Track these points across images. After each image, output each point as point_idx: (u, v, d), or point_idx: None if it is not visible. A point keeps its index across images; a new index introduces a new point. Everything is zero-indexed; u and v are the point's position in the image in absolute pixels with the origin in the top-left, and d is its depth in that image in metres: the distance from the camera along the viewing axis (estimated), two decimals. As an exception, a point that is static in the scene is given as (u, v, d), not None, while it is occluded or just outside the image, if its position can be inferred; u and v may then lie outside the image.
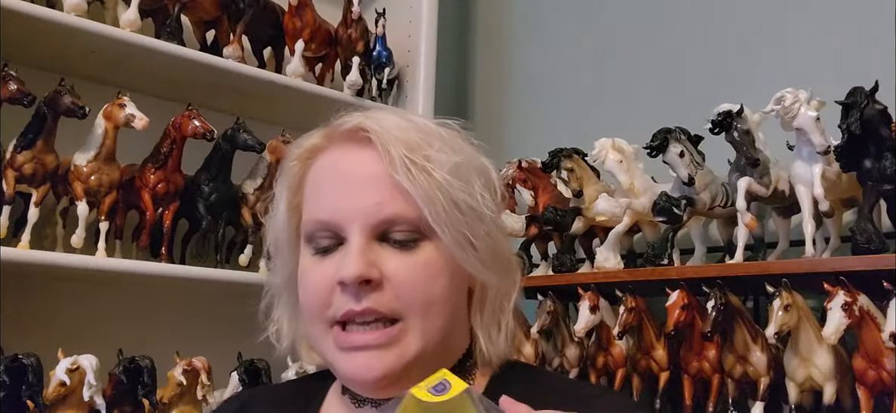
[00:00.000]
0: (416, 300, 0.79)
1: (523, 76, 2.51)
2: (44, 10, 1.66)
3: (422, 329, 0.80)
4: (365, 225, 0.80)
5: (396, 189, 0.79)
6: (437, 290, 0.80)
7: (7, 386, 1.47)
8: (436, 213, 0.79)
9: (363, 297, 0.78)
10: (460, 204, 0.80)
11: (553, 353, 1.83)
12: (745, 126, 1.51)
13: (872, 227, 1.36)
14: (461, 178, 0.81)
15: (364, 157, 0.82)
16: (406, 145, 0.81)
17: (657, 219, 1.63)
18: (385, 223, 0.80)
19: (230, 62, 1.91)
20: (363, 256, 0.78)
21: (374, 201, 0.80)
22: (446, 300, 0.81)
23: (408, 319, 0.79)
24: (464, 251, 0.81)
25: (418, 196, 0.79)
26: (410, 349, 0.79)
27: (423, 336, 0.80)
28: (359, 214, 0.80)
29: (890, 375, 1.33)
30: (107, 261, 1.70)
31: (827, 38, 1.81)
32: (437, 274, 0.80)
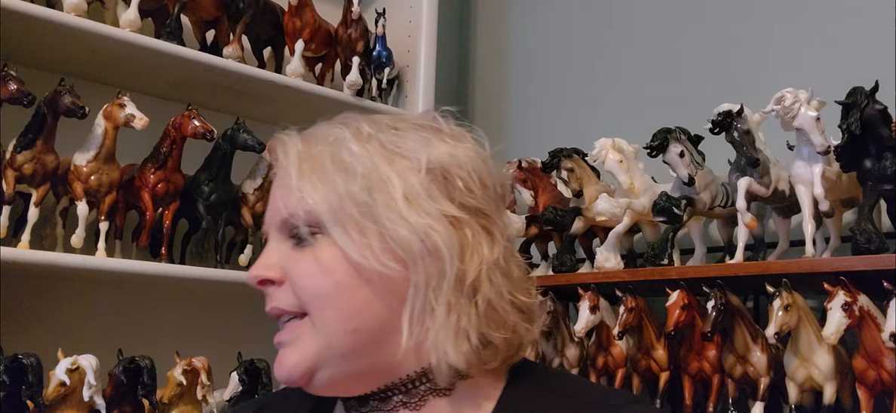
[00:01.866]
0: (307, 294, 0.80)
1: (523, 76, 2.51)
2: (44, 10, 1.66)
3: (320, 323, 0.79)
4: (274, 227, 0.84)
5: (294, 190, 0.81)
6: (327, 286, 0.79)
7: (7, 386, 1.47)
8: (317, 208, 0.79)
9: (270, 297, 0.83)
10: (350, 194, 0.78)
11: (553, 353, 1.83)
12: (745, 126, 1.51)
13: (872, 227, 1.36)
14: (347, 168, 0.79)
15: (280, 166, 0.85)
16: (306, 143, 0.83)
17: (657, 219, 1.63)
18: (285, 224, 0.82)
19: (230, 62, 1.91)
20: (265, 257, 0.83)
21: (277, 204, 0.83)
22: (343, 296, 0.79)
23: (311, 314, 0.80)
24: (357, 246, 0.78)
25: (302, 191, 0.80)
26: (313, 344, 0.80)
27: (322, 330, 0.79)
28: (271, 218, 0.85)
29: (890, 375, 1.33)
30: (107, 261, 1.70)
31: (827, 38, 1.81)
32: (330, 268, 0.79)
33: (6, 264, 1.55)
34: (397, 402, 0.83)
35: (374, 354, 0.80)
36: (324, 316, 0.79)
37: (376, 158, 0.81)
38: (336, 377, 0.81)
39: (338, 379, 0.81)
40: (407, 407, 0.82)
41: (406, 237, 0.78)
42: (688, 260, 1.76)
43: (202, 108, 1.82)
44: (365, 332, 0.80)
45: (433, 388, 0.82)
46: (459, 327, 0.78)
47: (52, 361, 1.52)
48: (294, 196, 0.81)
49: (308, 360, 0.80)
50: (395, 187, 0.79)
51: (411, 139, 0.83)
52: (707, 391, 1.60)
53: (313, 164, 0.81)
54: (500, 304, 0.81)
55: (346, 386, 0.83)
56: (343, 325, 0.79)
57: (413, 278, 0.79)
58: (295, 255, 0.82)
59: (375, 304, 0.79)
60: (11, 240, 1.65)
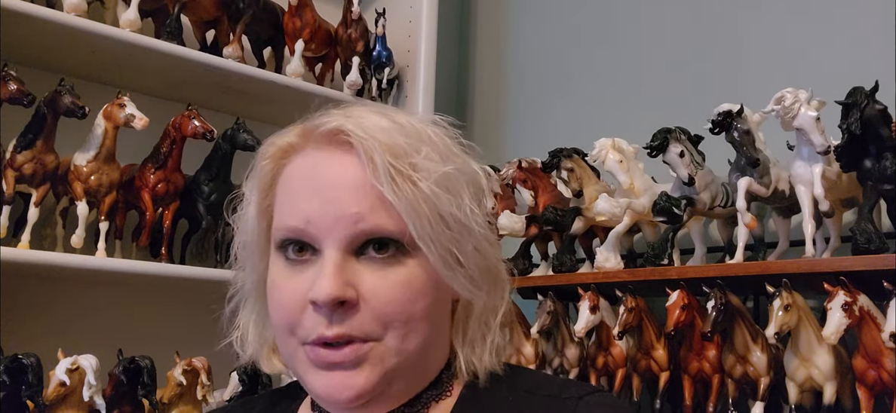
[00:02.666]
0: (394, 321, 0.73)
1: (523, 76, 2.51)
2: (44, 10, 1.66)
3: (398, 349, 0.74)
4: (342, 238, 0.73)
5: (378, 200, 0.73)
6: (417, 310, 0.74)
7: (7, 386, 1.47)
8: (421, 227, 0.73)
9: (336, 320, 0.72)
10: (447, 218, 0.74)
11: (553, 353, 1.83)
12: (745, 126, 1.51)
13: (872, 227, 1.36)
14: (450, 189, 0.75)
15: (344, 162, 0.75)
16: (391, 151, 0.73)
17: (657, 219, 1.63)
18: (364, 236, 0.73)
19: (230, 62, 1.92)
20: (339, 275, 0.72)
21: (353, 212, 0.73)
22: (427, 319, 0.75)
23: (385, 338, 0.74)
24: (450, 269, 0.75)
25: (402, 209, 0.72)
26: (386, 367, 0.74)
27: (398, 354, 0.74)
28: (336, 226, 0.73)
29: (890, 375, 1.33)
30: (107, 261, 1.70)
31: (827, 38, 1.81)
32: (419, 293, 0.74)
33: (6, 264, 1.56)
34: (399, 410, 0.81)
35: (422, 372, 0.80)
36: (406, 341, 0.74)
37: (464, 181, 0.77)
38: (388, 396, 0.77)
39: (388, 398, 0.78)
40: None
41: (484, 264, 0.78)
42: (688, 260, 1.76)
43: (202, 108, 1.82)
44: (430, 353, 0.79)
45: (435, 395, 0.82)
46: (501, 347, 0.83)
47: (52, 361, 1.53)
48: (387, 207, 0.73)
49: (378, 382, 0.74)
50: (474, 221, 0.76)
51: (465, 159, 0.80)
52: (707, 391, 1.60)
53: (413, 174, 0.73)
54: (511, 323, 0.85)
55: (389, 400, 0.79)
56: (421, 347, 0.76)
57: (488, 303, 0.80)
58: (373, 274, 0.74)
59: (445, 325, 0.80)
60: (11, 240, 1.65)
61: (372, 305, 0.73)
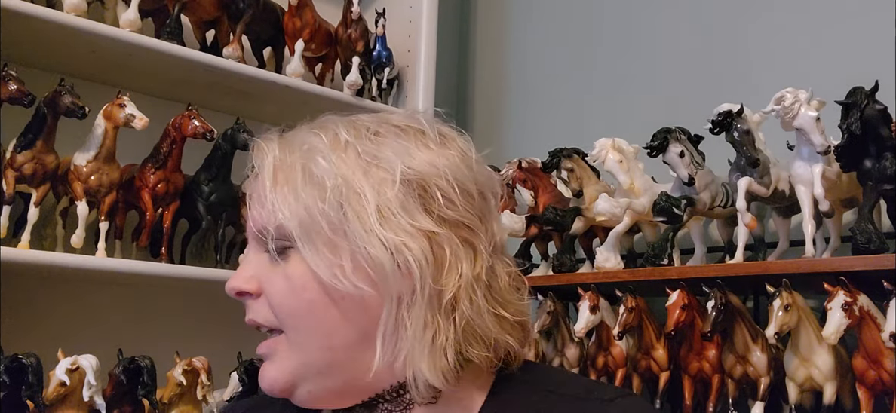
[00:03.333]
0: (282, 312, 0.79)
1: (523, 76, 2.51)
2: (44, 10, 1.66)
3: (296, 341, 0.78)
4: (251, 236, 0.82)
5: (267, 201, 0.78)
6: (301, 305, 0.77)
7: (7, 386, 1.47)
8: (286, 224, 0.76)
9: (249, 309, 0.81)
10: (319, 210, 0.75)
11: (553, 353, 1.83)
12: (745, 126, 1.51)
13: (872, 227, 1.36)
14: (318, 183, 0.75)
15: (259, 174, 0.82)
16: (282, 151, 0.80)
17: (657, 219, 1.63)
18: (258, 235, 0.80)
19: (230, 62, 1.91)
20: (244, 269, 0.81)
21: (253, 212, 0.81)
22: (317, 315, 0.77)
23: (286, 331, 0.79)
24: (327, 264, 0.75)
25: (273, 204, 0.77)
26: (290, 361, 0.79)
27: (298, 350, 0.78)
28: (250, 226, 0.82)
29: (890, 375, 1.33)
30: (107, 261, 1.70)
31: (827, 38, 1.81)
32: (300, 287, 0.77)
33: (6, 264, 1.55)
34: (384, 410, 0.81)
35: (349, 371, 0.78)
36: (298, 334, 0.78)
37: (350, 170, 0.76)
38: (315, 393, 0.80)
39: (318, 394, 0.80)
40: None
41: (378, 255, 0.74)
42: (688, 260, 1.76)
43: (202, 108, 1.82)
44: (340, 349, 0.78)
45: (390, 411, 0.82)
46: (435, 345, 0.75)
47: (52, 361, 1.53)
48: (266, 208, 0.78)
49: (286, 375, 0.79)
50: (368, 201, 0.75)
51: (390, 147, 0.78)
52: (707, 391, 1.60)
53: (286, 174, 0.78)
54: (480, 322, 0.77)
55: (327, 400, 0.82)
56: (317, 342, 0.78)
57: (385, 296, 0.76)
58: (270, 269, 0.80)
59: (348, 322, 0.77)
60: (11, 240, 1.65)
61: (267, 297, 0.80)
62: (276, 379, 0.80)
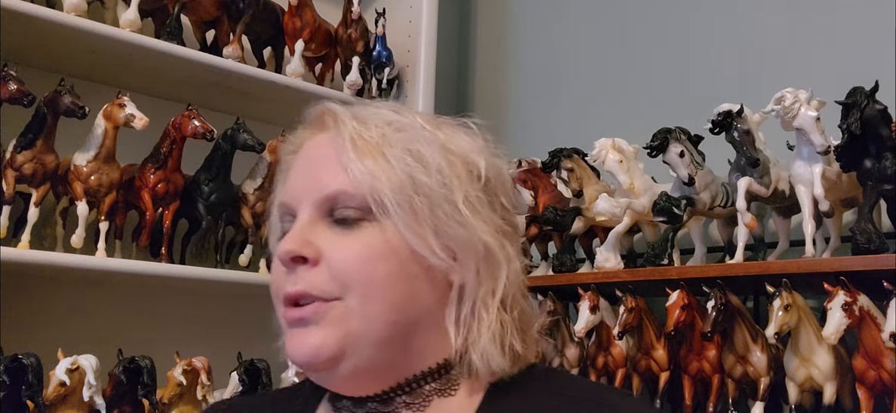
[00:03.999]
0: (352, 281, 0.75)
1: (523, 76, 2.51)
2: (44, 10, 1.66)
3: (361, 312, 0.75)
4: (311, 202, 0.78)
5: (343, 167, 0.77)
6: (377, 273, 0.75)
7: (7, 386, 1.47)
8: (381, 190, 0.76)
9: (298, 278, 0.76)
10: (418, 182, 0.77)
11: (553, 353, 1.83)
12: (745, 126, 1.51)
13: (872, 227, 1.36)
14: (422, 159, 0.78)
15: (323, 140, 0.81)
16: (361, 122, 0.79)
17: (657, 219, 1.63)
18: (328, 200, 0.77)
19: (230, 62, 1.91)
20: (300, 234, 0.77)
21: (321, 180, 0.78)
22: (391, 286, 0.76)
23: (346, 300, 0.76)
24: (415, 234, 0.76)
25: (363, 172, 0.76)
26: (347, 328, 0.75)
27: (361, 318, 0.75)
28: (307, 193, 0.79)
29: (890, 375, 1.33)
30: (107, 261, 1.70)
31: (827, 38, 1.81)
32: (378, 256, 0.76)
33: (6, 264, 1.56)
34: (400, 402, 0.80)
35: (403, 348, 0.78)
36: (368, 303, 0.75)
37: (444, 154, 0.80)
38: (360, 368, 0.77)
39: (361, 370, 0.77)
40: (410, 408, 0.80)
41: (463, 237, 0.78)
42: (688, 260, 1.76)
43: (202, 108, 1.82)
44: (405, 324, 0.77)
45: (439, 389, 0.81)
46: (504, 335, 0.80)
47: (52, 361, 1.53)
48: (350, 174, 0.77)
49: (338, 342, 0.75)
50: (456, 190, 0.78)
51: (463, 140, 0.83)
52: (707, 391, 1.60)
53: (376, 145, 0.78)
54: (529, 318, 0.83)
55: (362, 380, 0.79)
56: (386, 314, 0.76)
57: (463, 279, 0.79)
58: (336, 236, 0.77)
59: (420, 298, 0.78)
60: (11, 240, 1.65)
61: (330, 264, 0.76)
62: (323, 345, 0.75)
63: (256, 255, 1.94)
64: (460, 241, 0.78)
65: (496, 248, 0.80)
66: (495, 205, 0.82)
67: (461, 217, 0.78)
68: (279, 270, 0.79)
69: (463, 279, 0.79)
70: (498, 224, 0.81)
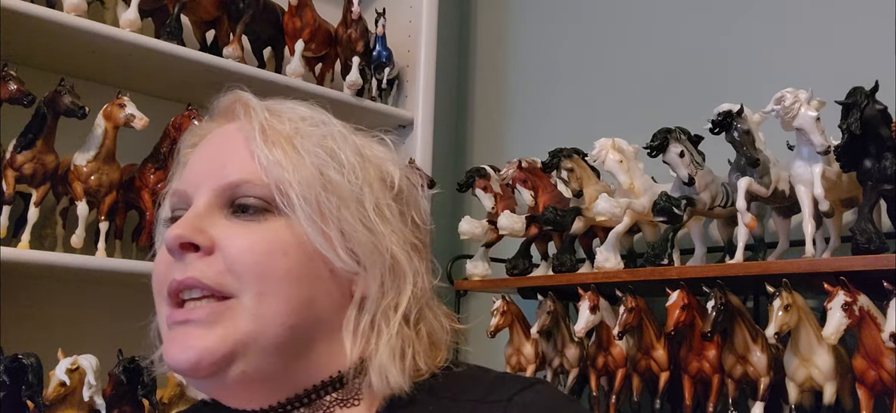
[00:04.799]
0: (247, 274, 0.69)
1: (523, 76, 2.51)
2: (44, 10, 1.66)
3: (255, 310, 0.69)
4: (209, 189, 0.73)
5: (251, 157, 0.73)
6: (277, 269, 0.70)
7: (7, 386, 1.47)
8: (288, 182, 0.72)
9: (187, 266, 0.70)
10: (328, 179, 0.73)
11: (553, 353, 1.83)
12: (745, 126, 1.51)
13: (872, 227, 1.36)
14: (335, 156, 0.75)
15: (230, 129, 0.77)
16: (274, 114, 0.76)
17: (657, 219, 1.63)
18: (230, 188, 0.73)
19: (230, 62, 1.91)
20: (193, 220, 0.71)
21: (223, 166, 0.73)
22: (290, 285, 0.71)
23: (240, 297, 0.70)
24: (320, 232, 0.72)
25: (269, 164, 0.72)
26: (237, 330, 0.69)
27: (255, 319, 0.69)
28: (206, 179, 0.74)
29: (890, 375, 1.33)
30: (107, 261, 1.70)
31: (827, 38, 1.81)
32: (279, 251, 0.70)
33: (6, 264, 1.55)
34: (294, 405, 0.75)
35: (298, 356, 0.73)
36: (263, 302, 0.69)
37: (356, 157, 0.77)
38: (250, 375, 0.70)
39: (251, 378, 0.71)
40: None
41: (369, 243, 0.74)
42: (688, 260, 1.76)
43: (202, 108, 1.82)
44: (302, 329, 0.72)
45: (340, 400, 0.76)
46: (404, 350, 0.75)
47: (52, 361, 1.52)
48: (257, 162, 0.73)
49: (229, 344, 0.68)
50: (367, 194, 0.75)
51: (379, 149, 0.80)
52: (707, 391, 1.60)
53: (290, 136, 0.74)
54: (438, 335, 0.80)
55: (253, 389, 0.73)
56: (283, 317, 0.70)
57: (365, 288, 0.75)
58: (234, 226, 0.72)
59: (320, 302, 0.73)
60: (11, 240, 1.65)
61: (225, 254, 0.70)
62: (213, 348, 0.68)
63: (256, 255, 1.94)
64: (367, 247, 0.74)
65: (404, 260, 0.76)
66: (406, 217, 0.79)
67: (370, 222, 0.74)
68: (164, 261, 0.73)
69: (365, 288, 0.75)
70: (407, 237, 0.78)
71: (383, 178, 0.78)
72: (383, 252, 0.75)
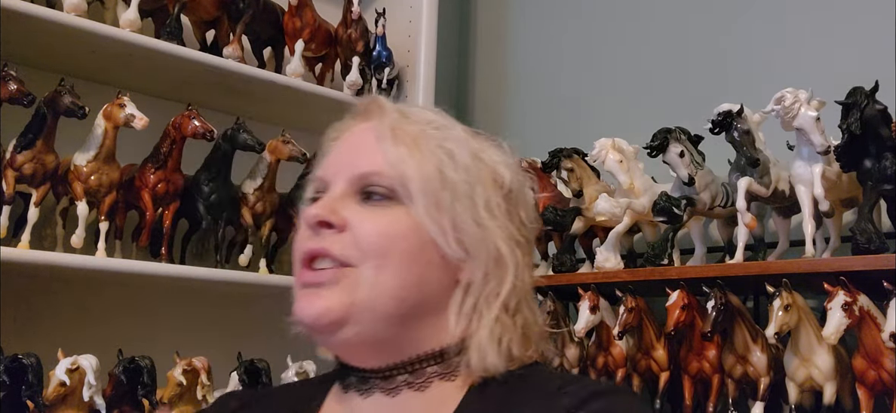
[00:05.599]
0: (370, 250, 0.81)
1: (523, 76, 2.51)
2: (44, 10, 1.66)
3: (372, 281, 0.80)
4: (344, 178, 0.84)
5: (380, 152, 0.84)
6: (394, 248, 0.81)
7: (7, 386, 1.47)
8: (410, 177, 0.82)
9: (321, 238, 0.82)
10: (447, 178, 0.83)
11: (553, 352, 1.83)
12: (745, 126, 1.51)
13: (872, 227, 1.36)
14: (452, 157, 0.85)
15: (365, 127, 0.88)
16: (403, 116, 0.87)
17: (657, 219, 1.63)
18: (361, 178, 0.84)
19: (230, 62, 1.91)
20: (330, 202, 0.83)
21: (357, 158, 0.85)
22: (405, 264, 0.81)
23: (361, 267, 0.81)
24: (437, 224, 0.82)
25: (398, 157, 0.83)
26: (355, 294, 0.80)
27: (371, 288, 0.80)
28: (342, 169, 0.85)
29: (890, 375, 1.33)
30: (107, 261, 1.70)
31: (827, 38, 1.81)
32: (399, 234, 0.82)
33: (6, 264, 1.55)
34: (402, 381, 0.84)
35: (405, 326, 0.83)
36: (380, 275, 0.81)
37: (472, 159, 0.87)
38: (362, 337, 0.81)
39: (363, 339, 0.82)
40: (411, 387, 0.84)
41: (477, 236, 0.84)
42: (688, 260, 1.76)
43: (202, 108, 1.82)
44: (411, 304, 0.82)
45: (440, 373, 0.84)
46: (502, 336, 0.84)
47: (52, 361, 1.52)
48: (384, 157, 0.83)
49: (345, 306, 0.80)
50: (478, 192, 0.85)
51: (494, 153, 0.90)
52: (707, 391, 1.60)
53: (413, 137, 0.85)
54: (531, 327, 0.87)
55: (363, 350, 0.84)
56: (395, 290, 0.81)
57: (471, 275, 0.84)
58: (363, 210, 0.83)
59: (429, 282, 0.83)
60: (11, 240, 1.65)
61: (354, 232, 0.82)
62: (332, 308, 0.80)
63: (256, 254, 1.94)
64: (474, 239, 0.84)
65: (507, 254, 0.85)
66: (513, 216, 0.88)
67: (479, 217, 0.84)
68: (303, 234, 0.84)
69: (471, 275, 0.84)
70: (512, 233, 0.87)
71: (495, 179, 0.88)
72: (489, 245, 0.84)
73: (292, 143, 1.89)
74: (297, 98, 2.04)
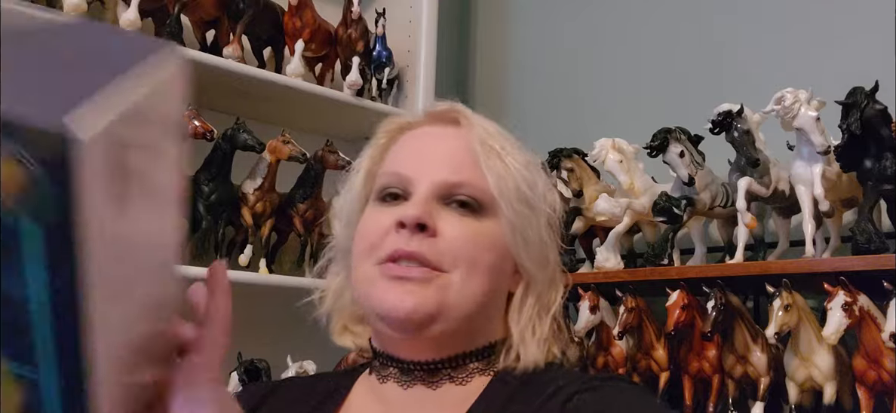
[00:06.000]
0: (462, 258, 0.84)
1: (523, 76, 2.51)
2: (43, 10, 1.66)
3: (461, 287, 0.84)
4: (432, 181, 0.86)
5: (470, 162, 0.87)
6: (483, 259, 0.85)
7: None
8: (501, 190, 0.86)
9: (413, 241, 0.83)
10: (525, 195, 0.88)
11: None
12: (745, 126, 1.51)
13: (872, 227, 1.36)
14: (530, 174, 0.90)
15: (447, 134, 0.91)
16: (486, 129, 0.91)
17: (657, 219, 1.63)
18: (452, 187, 0.86)
19: (230, 62, 1.91)
20: (425, 205, 0.85)
21: (447, 164, 0.87)
22: (488, 273, 0.85)
23: (451, 273, 0.84)
24: (516, 239, 0.87)
25: (490, 171, 0.86)
26: (447, 297, 0.83)
27: (459, 294, 0.83)
28: (429, 174, 0.87)
29: (890, 375, 1.33)
30: (107, 261, 1.70)
31: (827, 38, 1.81)
32: (487, 246, 0.86)
33: None
34: (445, 374, 0.87)
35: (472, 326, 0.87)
36: (468, 282, 0.84)
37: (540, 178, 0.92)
38: (446, 332, 0.85)
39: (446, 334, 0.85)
40: (453, 381, 0.87)
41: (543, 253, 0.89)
42: (688, 260, 1.76)
43: (202, 108, 1.82)
44: (484, 308, 0.87)
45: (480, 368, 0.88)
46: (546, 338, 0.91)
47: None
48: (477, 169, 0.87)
49: (436, 306, 0.83)
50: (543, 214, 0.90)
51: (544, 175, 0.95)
52: (707, 391, 1.60)
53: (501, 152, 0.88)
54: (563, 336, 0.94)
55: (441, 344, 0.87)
56: (478, 296, 0.85)
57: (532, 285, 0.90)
58: (454, 218, 0.86)
59: (501, 290, 0.89)
60: None
61: (446, 238, 0.84)
62: (423, 305, 0.83)
63: (256, 255, 1.94)
64: (541, 255, 0.90)
65: (558, 271, 0.93)
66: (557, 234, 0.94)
67: (544, 235, 0.90)
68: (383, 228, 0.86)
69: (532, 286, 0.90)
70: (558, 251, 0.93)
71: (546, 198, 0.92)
72: (550, 261, 0.91)
73: (292, 143, 1.89)
74: (297, 98, 2.04)
